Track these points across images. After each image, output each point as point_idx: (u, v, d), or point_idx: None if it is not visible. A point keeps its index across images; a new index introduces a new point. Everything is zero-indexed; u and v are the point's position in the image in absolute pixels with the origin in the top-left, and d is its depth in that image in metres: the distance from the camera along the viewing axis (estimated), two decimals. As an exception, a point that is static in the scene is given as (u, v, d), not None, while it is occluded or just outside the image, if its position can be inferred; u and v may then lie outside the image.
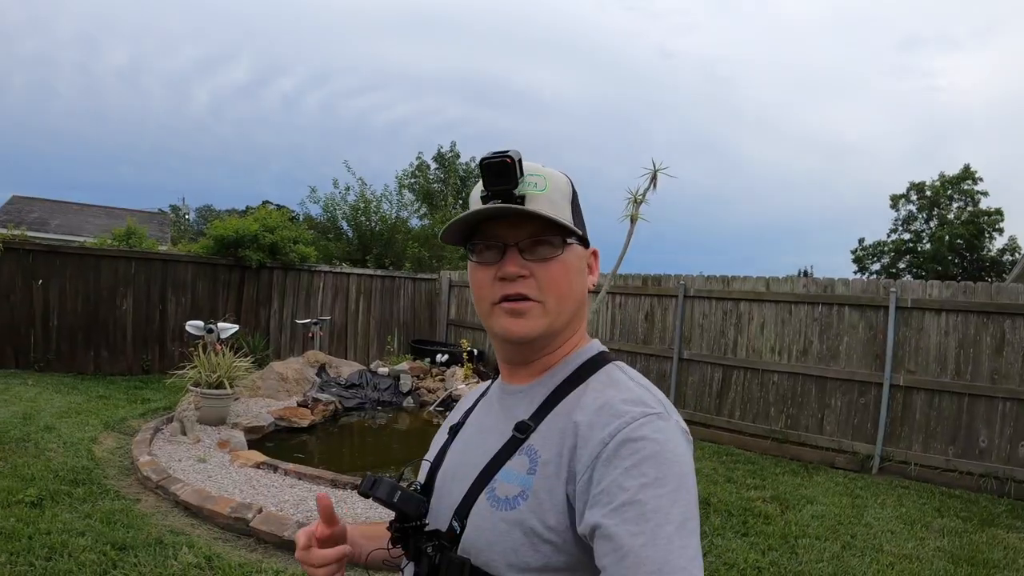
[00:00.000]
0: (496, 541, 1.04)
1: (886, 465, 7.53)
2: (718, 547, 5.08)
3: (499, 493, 1.08)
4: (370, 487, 1.14)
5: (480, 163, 1.13)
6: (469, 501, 1.11)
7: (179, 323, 11.21)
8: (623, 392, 1.09)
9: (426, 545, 1.11)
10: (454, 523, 1.11)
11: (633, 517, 0.90)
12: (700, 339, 9.62)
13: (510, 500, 1.06)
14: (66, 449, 6.28)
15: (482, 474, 1.12)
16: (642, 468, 0.94)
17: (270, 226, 12.80)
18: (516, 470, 1.08)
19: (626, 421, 1.00)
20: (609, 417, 1.02)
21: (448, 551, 1.09)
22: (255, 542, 4.71)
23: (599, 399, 1.08)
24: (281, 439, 7.77)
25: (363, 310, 14.16)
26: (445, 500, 1.18)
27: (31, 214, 26.16)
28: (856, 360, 8.02)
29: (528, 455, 1.09)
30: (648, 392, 1.11)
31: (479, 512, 1.09)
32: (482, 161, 1.12)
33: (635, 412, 1.02)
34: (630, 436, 0.98)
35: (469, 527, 1.09)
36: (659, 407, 1.05)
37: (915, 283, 7.77)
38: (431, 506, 1.21)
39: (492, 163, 1.12)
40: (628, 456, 0.96)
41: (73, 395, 8.82)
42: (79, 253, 11.26)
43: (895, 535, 5.54)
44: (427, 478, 1.27)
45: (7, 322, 10.40)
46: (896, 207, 38.80)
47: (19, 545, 4.22)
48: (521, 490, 1.05)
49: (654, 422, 1.01)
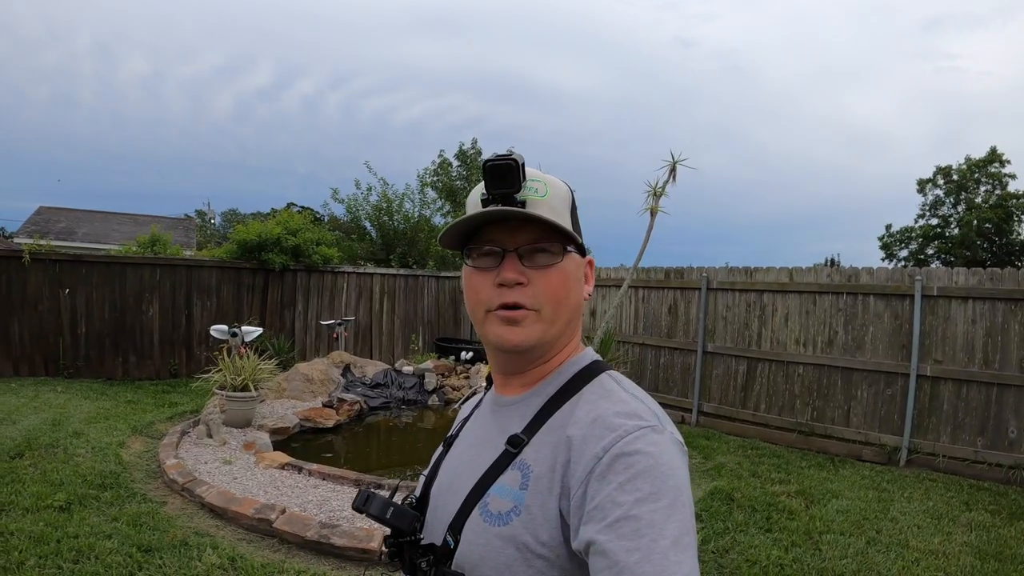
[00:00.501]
0: (489, 556, 1.04)
1: (914, 457, 7.45)
2: (740, 543, 5.06)
3: (492, 508, 1.07)
4: (363, 504, 1.16)
5: (484, 165, 1.11)
6: (463, 516, 1.11)
7: (204, 327, 11.33)
8: (616, 404, 1.07)
9: (421, 560, 1.12)
10: (448, 538, 1.11)
11: (628, 533, 0.89)
12: (724, 331, 9.57)
13: (503, 515, 1.05)
14: (94, 454, 6.37)
15: (475, 488, 1.12)
16: (636, 483, 0.94)
17: (293, 229, 12.88)
18: (509, 485, 1.08)
19: (619, 435, 0.99)
20: (603, 431, 1.02)
21: (443, 566, 1.09)
22: (278, 542, 4.75)
23: (592, 412, 1.07)
24: (306, 440, 7.82)
25: (387, 309, 14.19)
26: (439, 514, 1.18)
27: (58, 224, 26.50)
28: (882, 350, 7.92)
29: (520, 470, 1.08)
30: (642, 403, 1.09)
31: (472, 527, 1.08)
32: (486, 163, 1.11)
33: (629, 425, 1.01)
34: (624, 450, 0.97)
35: (463, 542, 1.08)
36: (653, 419, 1.04)
37: (941, 270, 7.62)
38: (426, 520, 1.21)
39: (496, 165, 1.10)
40: (622, 471, 0.95)
41: (101, 400, 8.94)
42: (105, 261, 11.40)
43: (921, 530, 5.47)
44: (422, 492, 1.28)
45: (36, 331, 10.58)
46: (923, 192, 38.16)
47: (48, 548, 4.30)
48: (514, 505, 1.05)
49: (648, 435, 1.00)
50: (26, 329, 10.52)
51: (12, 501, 5.07)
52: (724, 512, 5.73)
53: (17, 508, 4.95)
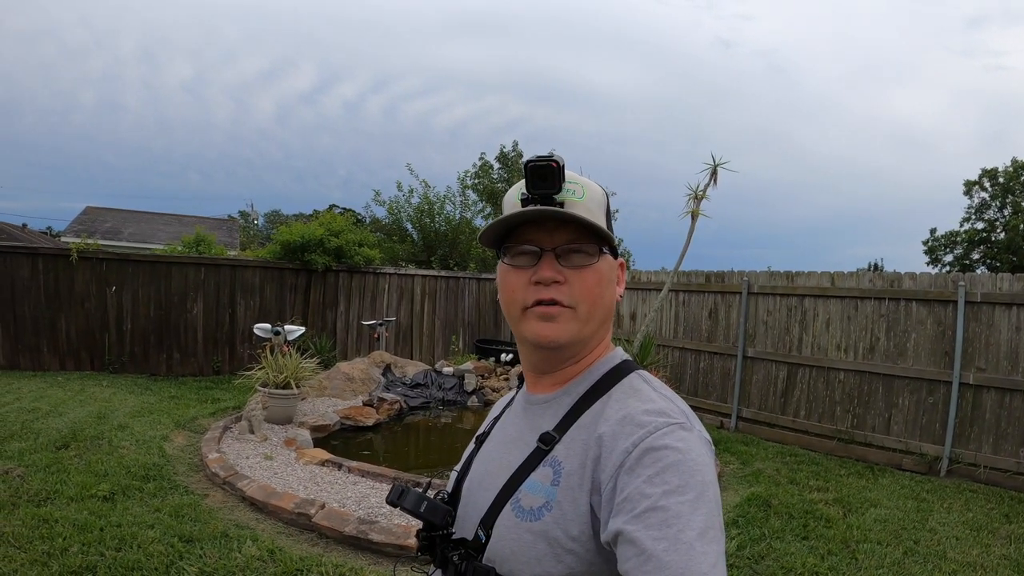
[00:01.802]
0: (520, 551, 1.06)
1: (955, 467, 7.29)
2: (776, 550, 5.01)
3: (524, 504, 1.10)
4: (397, 497, 1.18)
5: (525, 165, 1.14)
6: (495, 511, 1.13)
7: (248, 326, 11.53)
8: (645, 403, 1.10)
9: (452, 553, 1.14)
10: (480, 532, 1.13)
11: (656, 523, 0.91)
12: (764, 336, 9.47)
13: (535, 511, 1.07)
14: (138, 446, 6.50)
15: (507, 485, 1.15)
16: (664, 476, 0.95)
17: (335, 230, 13.04)
18: (540, 481, 1.10)
19: (648, 431, 1.02)
20: (632, 427, 1.04)
21: (474, 559, 1.11)
22: (317, 537, 4.81)
23: (621, 410, 1.09)
24: (346, 437, 7.91)
25: (428, 311, 14.28)
26: (471, 509, 1.21)
27: (104, 224, 26.99)
28: (924, 357, 7.77)
29: (552, 467, 1.11)
30: (670, 402, 1.11)
31: (504, 522, 1.11)
32: (527, 163, 1.14)
33: (658, 422, 1.03)
34: (653, 445, 0.99)
35: (494, 537, 1.11)
36: (681, 417, 1.06)
37: (984, 276, 7.46)
38: (457, 515, 1.24)
39: (538, 166, 1.13)
40: (651, 464, 0.97)
41: (146, 395, 9.13)
42: (150, 260, 11.65)
43: (960, 541, 5.36)
44: (454, 487, 1.31)
45: (83, 327, 10.86)
46: (969, 194, 36.99)
47: (91, 536, 4.41)
48: (545, 501, 1.07)
49: (676, 432, 1.02)
50: (73, 325, 10.80)
51: (57, 490, 5.20)
52: (760, 518, 5.68)
53: (62, 497, 5.08)
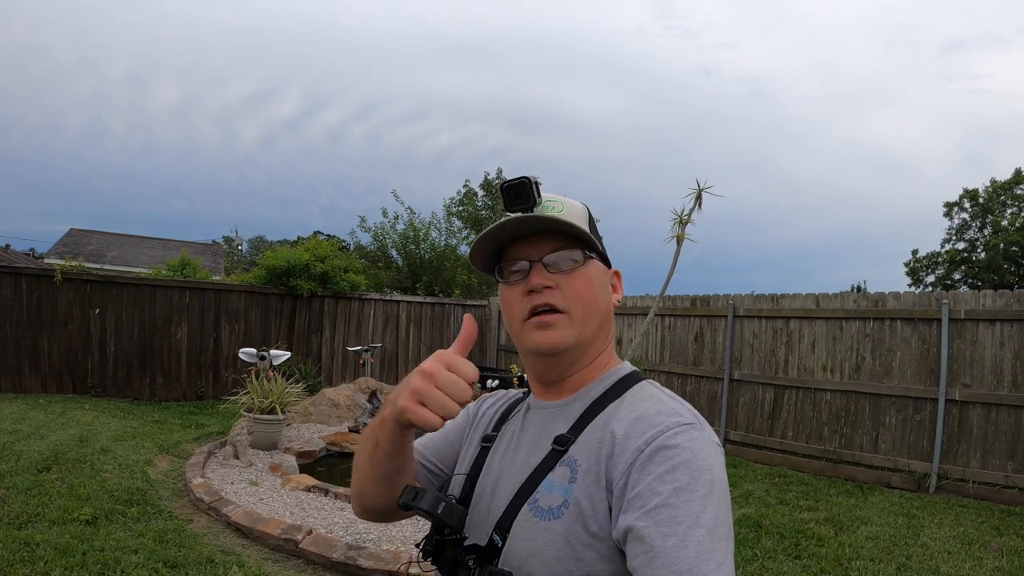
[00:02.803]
0: (540, 551, 1.05)
1: (943, 483, 7.30)
2: (769, 570, 4.99)
3: (542, 504, 1.09)
4: (412, 499, 1.13)
5: (500, 187, 1.18)
6: (511, 515, 1.12)
7: (232, 351, 11.45)
8: (658, 405, 1.10)
9: (467, 558, 1.12)
10: (495, 537, 1.12)
11: (665, 520, 0.92)
12: (751, 359, 9.49)
13: (553, 510, 1.07)
14: (121, 471, 6.42)
15: (523, 488, 1.14)
16: (675, 474, 0.96)
17: (320, 256, 13.03)
18: (558, 481, 1.10)
19: (661, 430, 1.02)
20: (645, 426, 1.04)
21: (489, 565, 1.10)
22: (304, 563, 4.75)
23: (634, 411, 1.10)
24: (332, 463, 7.84)
25: (413, 337, 14.26)
26: (483, 514, 1.19)
27: (88, 246, 26.78)
28: (910, 375, 7.80)
29: (568, 466, 1.11)
30: (682, 405, 1.12)
31: (522, 524, 1.10)
32: (502, 186, 1.19)
33: (670, 422, 1.04)
34: (664, 444, 1.00)
35: (512, 539, 1.10)
36: (693, 419, 1.07)
37: (968, 293, 7.50)
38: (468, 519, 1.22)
39: (512, 185, 1.18)
40: (662, 462, 0.98)
41: (129, 419, 9.02)
42: (135, 283, 11.55)
43: (952, 555, 5.37)
44: (463, 491, 1.28)
45: (65, 349, 10.73)
46: (950, 215, 37.01)
47: (73, 560, 4.34)
48: (564, 500, 1.07)
49: (688, 431, 1.03)
50: (55, 347, 10.68)
51: (39, 513, 5.11)
52: (752, 539, 5.66)
53: (44, 520, 5.00)
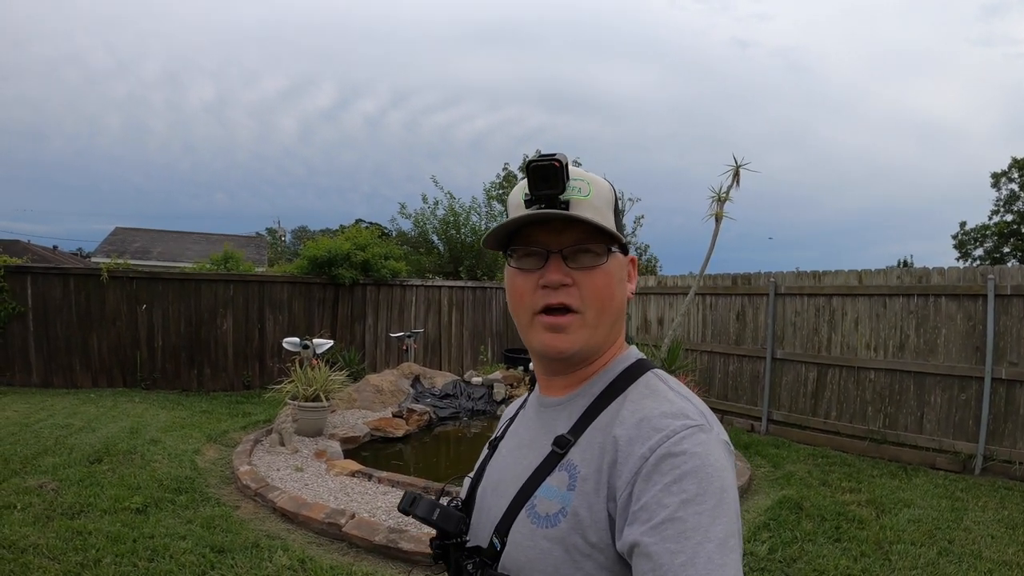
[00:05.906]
0: (537, 559, 1.03)
1: (989, 465, 7.11)
2: (808, 553, 4.92)
3: (539, 510, 1.07)
4: (409, 505, 1.16)
5: (527, 166, 1.10)
6: (509, 518, 1.10)
7: (277, 340, 11.56)
8: (662, 404, 1.06)
9: (467, 562, 1.11)
10: (495, 540, 1.10)
11: (673, 535, 0.89)
12: (793, 337, 9.34)
13: (550, 517, 1.04)
14: (170, 460, 6.52)
15: (522, 490, 1.11)
16: (683, 484, 0.93)
17: (361, 244, 13.11)
18: (556, 486, 1.07)
19: (666, 435, 0.98)
20: (649, 431, 1.00)
21: (489, 568, 1.08)
22: (347, 546, 4.78)
23: (638, 412, 1.06)
24: (376, 449, 7.88)
25: (456, 321, 14.29)
26: (485, 516, 1.18)
27: (133, 244, 27.32)
28: (955, 353, 7.59)
29: (567, 471, 1.08)
30: (688, 402, 1.07)
31: (520, 529, 1.08)
32: (529, 164, 1.10)
33: (676, 425, 1.00)
34: (671, 451, 0.96)
35: (510, 544, 1.08)
36: (700, 419, 1.03)
37: (1014, 268, 7.22)
38: (471, 522, 1.21)
39: (539, 166, 1.09)
40: (668, 471, 0.94)
41: (177, 410, 9.17)
42: (179, 278, 11.75)
43: (995, 540, 5.22)
44: (467, 494, 1.28)
45: (115, 344, 10.98)
46: (997, 186, 35.36)
47: (124, 548, 4.41)
48: (561, 507, 1.04)
49: (695, 435, 0.99)
50: (104, 343, 10.92)
51: (91, 503, 5.22)
52: (792, 521, 5.58)
53: (95, 509, 5.10)
